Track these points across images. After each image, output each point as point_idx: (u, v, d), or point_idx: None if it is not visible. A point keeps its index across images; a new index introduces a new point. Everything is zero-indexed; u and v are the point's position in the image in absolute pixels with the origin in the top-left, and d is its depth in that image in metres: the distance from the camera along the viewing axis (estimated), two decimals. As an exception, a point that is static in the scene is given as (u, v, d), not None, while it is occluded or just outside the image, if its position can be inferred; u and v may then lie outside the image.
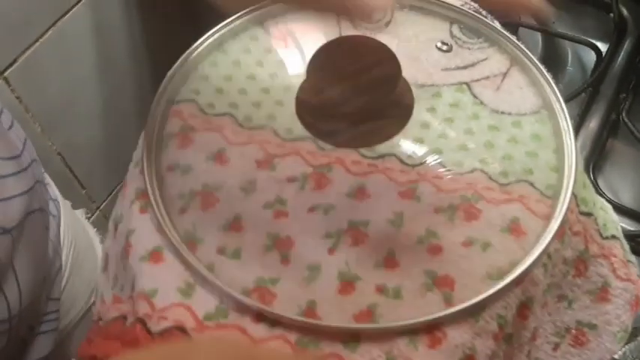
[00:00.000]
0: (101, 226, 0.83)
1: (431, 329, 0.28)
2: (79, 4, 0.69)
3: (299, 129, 0.36)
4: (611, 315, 0.34)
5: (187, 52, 0.38)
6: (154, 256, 0.31)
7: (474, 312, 0.29)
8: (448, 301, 0.29)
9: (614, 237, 0.35)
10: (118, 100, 0.81)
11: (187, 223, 0.32)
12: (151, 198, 0.32)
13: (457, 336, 0.28)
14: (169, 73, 0.37)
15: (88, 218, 0.67)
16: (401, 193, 0.33)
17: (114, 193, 0.84)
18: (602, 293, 0.34)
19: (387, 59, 0.30)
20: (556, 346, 0.33)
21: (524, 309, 0.31)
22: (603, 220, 0.35)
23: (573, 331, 0.34)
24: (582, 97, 0.50)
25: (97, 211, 0.82)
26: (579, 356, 0.33)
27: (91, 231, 0.65)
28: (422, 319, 0.28)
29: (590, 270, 0.34)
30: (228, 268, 0.31)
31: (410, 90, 0.32)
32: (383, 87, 0.30)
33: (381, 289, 0.30)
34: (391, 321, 0.29)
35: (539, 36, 0.58)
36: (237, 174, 0.34)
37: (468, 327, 0.29)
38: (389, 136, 0.31)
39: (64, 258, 0.53)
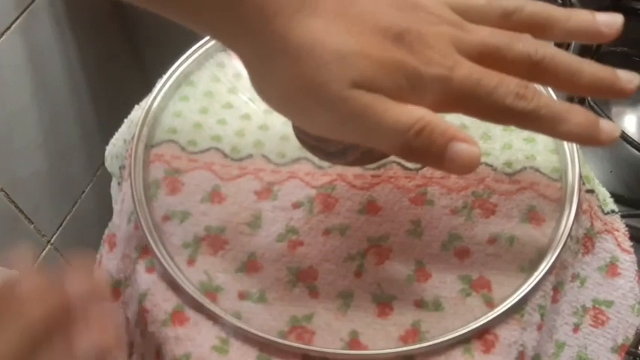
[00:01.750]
0: (54, 261, 0.77)
1: (481, 334, 0.28)
2: (8, 32, 0.64)
3: (291, 151, 0.34)
4: (625, 288, 0.34)
5: (154, 91, 0.36)
6: (177, 317, 0.28)
7: (517, 308, 0.28)
8: (489, 303, 0.29)
9: (613, 211, 0.36)
10: (59, 128, 0.76)
11: (200, 273, 0.30)
12: (158, 255, 0.29)
13: (508, 335, 0.28)
14: (139, 117, 0.35)
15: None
16: (412, 199, 0.32)
17: (64, 224, 0.79)
18: (612, 268, 0.35)
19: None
20: (576, 328, 0.34)
21: (555, 293, 0.31)
22: (603, 195, 0.36)
23: (591, 311, 0.34)
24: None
25: (49, 245, 0.77)
26: (603, 336, 0.34)
27: None
28: (472, 326, 0.27)
29: (597, 246, 0.35)
30: (256, 314, 0.29)
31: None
32: None
33: (420, 304, 0.29)
34: (440, 334, 0.28)
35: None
36: (238, 210, 0.32)
37: (516, 323, 0.28)
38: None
39: None
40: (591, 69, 0.26)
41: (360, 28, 0.24)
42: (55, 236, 0.80)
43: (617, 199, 0.38)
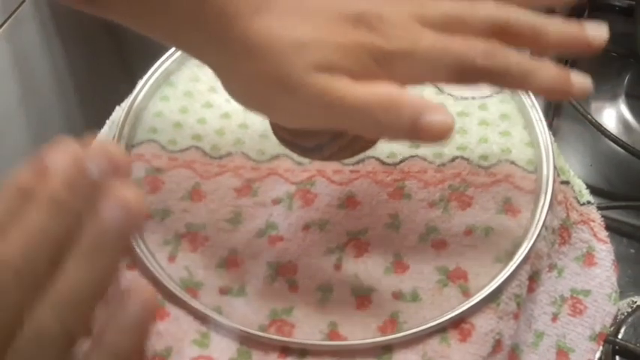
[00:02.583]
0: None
1: (458, 323, 0.28)
2: (-7, 38, 0.65)
3: (271, 148, 0.35)
4: (602, 278, 0.35)
5: (135, 91, 0.36)
6: (157, 312, 0.28)
7: (493, 297, 0.29)
8: (466, 293, 0.29)
9: (589, 202, 0.36)
10: (47, 134, 0.76)
11: (180, 269, 0.30)
12: (139, 252, 0.30)
13: (484, 324, 0.28)
14: (120, 117, 0.35)
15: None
16: (390, 194, 0.33)
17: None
18: (588, 258, 0.35)
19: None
20: (554, 317, 0.34)
21: (532, 282, 0.32)
22: (578, 186, 0.36)
23: (569, 300, 0.34)
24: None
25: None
26: (581, 325, 0.34)
27: None
28: (448, 316, 0.28)
29: (574, 237, 0.35)
30: (237, 308, 0.29)
31: (382, 91, 0.32)
32: None
33: (397, 296, 0.29)
34: (417, 324, 0.28)
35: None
36: (218, 207, 0.32)
37: (492, 312, 0.29)
38: (375, 140, 0.31)
39: None
40: (557, 26, 0.26)
41: (316, 18, 0.24)
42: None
43: (597, 192, 0.39)
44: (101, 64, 0.89)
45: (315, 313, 0.29)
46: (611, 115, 0.53)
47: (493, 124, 0.35)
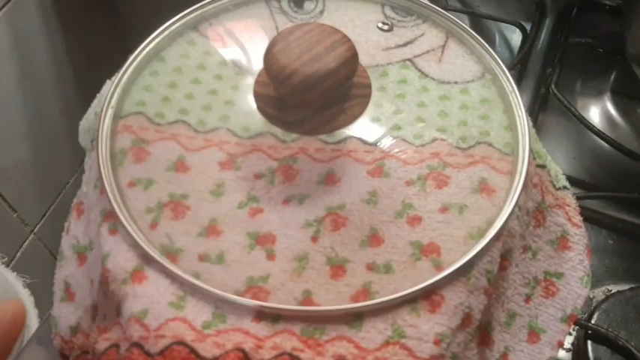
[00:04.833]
0: (37, 251, 0.78)
1: (428, 295, 0.29)
2: (-7, 21, 0.66)
3: (255, 125, 0.35)
4: (575, 261, 0.36)
5: (125, 65, 0.37)
6: (136, 275, 0.29)
7: (464, 271, 0.30)
8: (438, 267, 0.30)
9: (565, 187, 0.37)
10: (44, 118, 0.77)
11: (161, 236, 0.31)
12: (120, 217, 0.30)
13: (454, 297, 0.29)
14: (109, 89, 0.36)
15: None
16: (369, 172, 0.34)
17: (48, 214, 0.80)
18: (562, 242, 0.36)
19: (341, 42, 0.30)
20: (527, 298, 0.35)
21: (504, 260, 0.32)
22: (555, 171, 0.37)
23: (542, 282, 0.35)
24: (512, 74, 0.53)
25: (32, 235, 0.77)
26: (553, 307, 0.35)
27: (10, 276, 0.60)
28: (419, 286, 0.29)
29: (548, 220, 0.36)
30: (215, 274, 0.30)
31: (364, 69, 0.33)
32: (345, 69, 0.30)
33: (371, 267, 0.30)
34: (388, 294, 0.29)
35: (465, 18, 0.60)
36: (202, 179, 0.33)
37: (462, 286, 0.29)
38: (356, 116, 0.32)
39: None
40: None
41: None
42: (38, 226, 0.81)
43: (580, 184, 0.40)
44: (100, 48, 0.89)
45: (291, 281, 0.30)
46: (596, 112, 0.54)
47: (473, 108, 0.36)
